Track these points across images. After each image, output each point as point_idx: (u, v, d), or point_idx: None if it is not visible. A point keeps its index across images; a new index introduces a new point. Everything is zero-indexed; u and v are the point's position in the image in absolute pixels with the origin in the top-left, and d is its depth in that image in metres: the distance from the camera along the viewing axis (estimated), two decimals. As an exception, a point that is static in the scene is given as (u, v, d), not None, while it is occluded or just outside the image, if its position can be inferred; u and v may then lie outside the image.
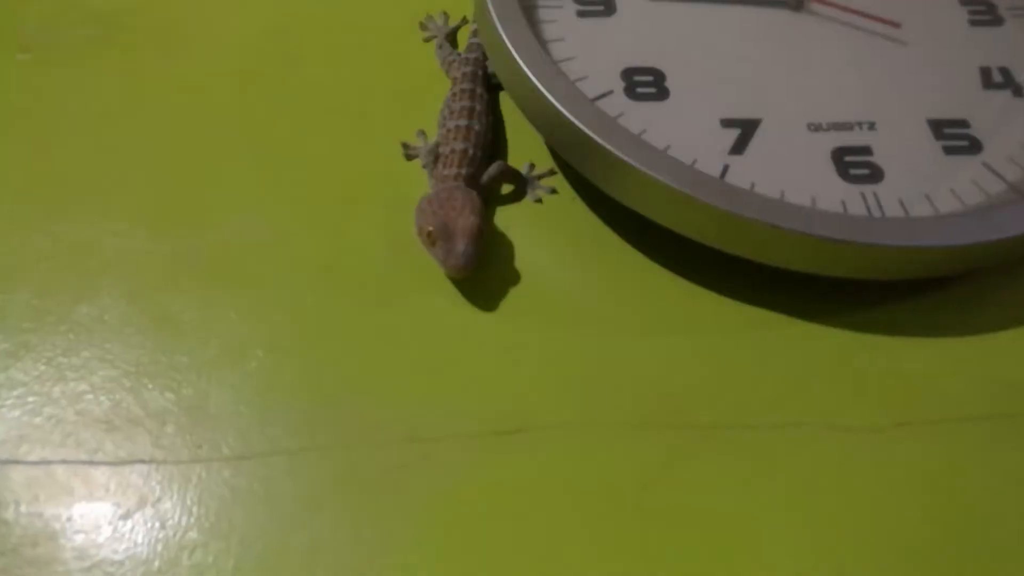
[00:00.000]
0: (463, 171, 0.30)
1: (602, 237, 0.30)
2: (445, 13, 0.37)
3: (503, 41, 0.30)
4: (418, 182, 0.31)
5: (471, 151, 0.31)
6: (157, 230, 0.30)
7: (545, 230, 0.31)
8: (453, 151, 0.31)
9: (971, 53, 0.33)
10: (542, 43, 0.30)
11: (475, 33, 0.35)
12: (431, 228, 0.28)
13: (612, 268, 0.30)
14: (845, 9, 0.32)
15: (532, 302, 0.29)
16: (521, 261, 0.30)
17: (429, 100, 0.34)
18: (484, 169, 0.31)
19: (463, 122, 0.31)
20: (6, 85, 0.34)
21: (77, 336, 0.28)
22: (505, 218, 0.31)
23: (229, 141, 0.33)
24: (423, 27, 0.36)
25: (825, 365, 0.27)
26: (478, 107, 0.32)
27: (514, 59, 0.29)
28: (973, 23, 0.33)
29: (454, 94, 0.33)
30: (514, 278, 0.29)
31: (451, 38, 0.36)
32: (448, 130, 0.32)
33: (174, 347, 0.27)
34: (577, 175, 0.30)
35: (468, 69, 0.33)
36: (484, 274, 0.29)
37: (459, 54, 0.34)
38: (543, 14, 0.32)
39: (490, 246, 0.30)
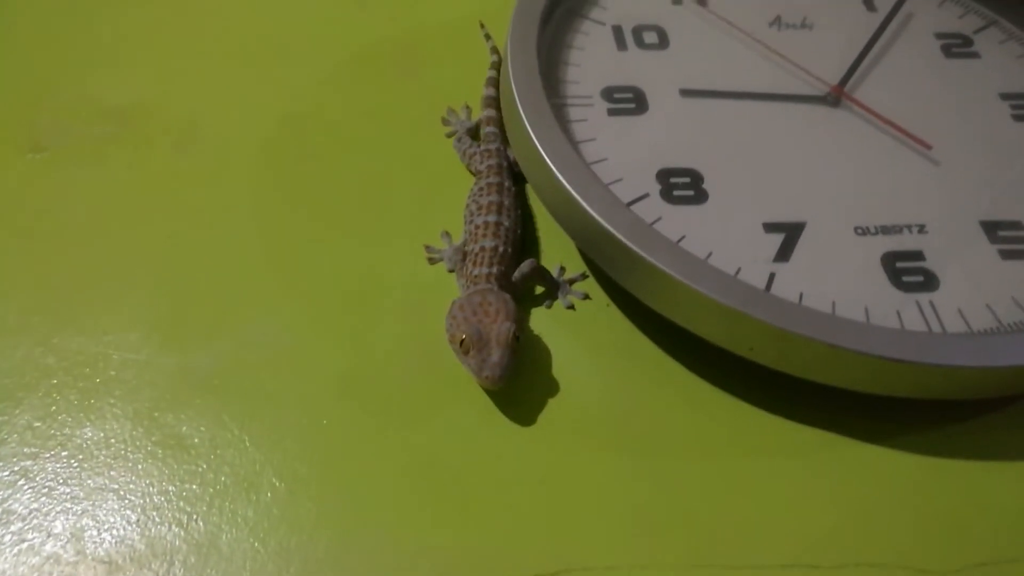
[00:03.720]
0: (494, 270, 0.29)
1: (640, 347, 0.29)
2: (467, 107, 0.36)
3: (532, 142, 0.29)
4: (441, 283, 0.30)
5: (501, 248, 0.29)
6: (167, 341, 0.29)
7: (580, 338, 0.29)
8: (483, 249, 0.29)
9: (1017, 150, 0.31)
10: (573, 144, 0.29)
11: (488, 121, 0.34)
12: (464, 336, 0.26)
13: (652, 382, 0.28)
14: (878, 117, 0.31)
15: (570, 420, 0.27)
16: (558, 372, 0.28)
17: (451, 196, 0.32)
18: (515, 267, 0.30)
19: (492, 218, 0.30)
20: (20, 185, 0.33)
21: (80, 463, 0.26)
22: (538, 323, 0.29)
23: (243, 241, 0.31)
24: (445, 122, 0.35)
25: (895, 495, 0.25)
26: (506, 201, 0.31)
27: (544, 162, 0.28)
28: (1016, 118, 0.32)
29: (480, 188, 0.31)
30: (550, 390, 0.28)
31: (473, 132, 0.35)
32: (476, 227, 0.30)
33: (184, 475, 0.25)
34: (610, 279, 0.29)
35: (493, 162, 0.32)
36: (518, 387, 0.27)
37: (479, 146, 0.33)
38: (573, 113, 0.31)
39: (525, 354, 0.28)
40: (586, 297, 0.30)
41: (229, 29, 0.39)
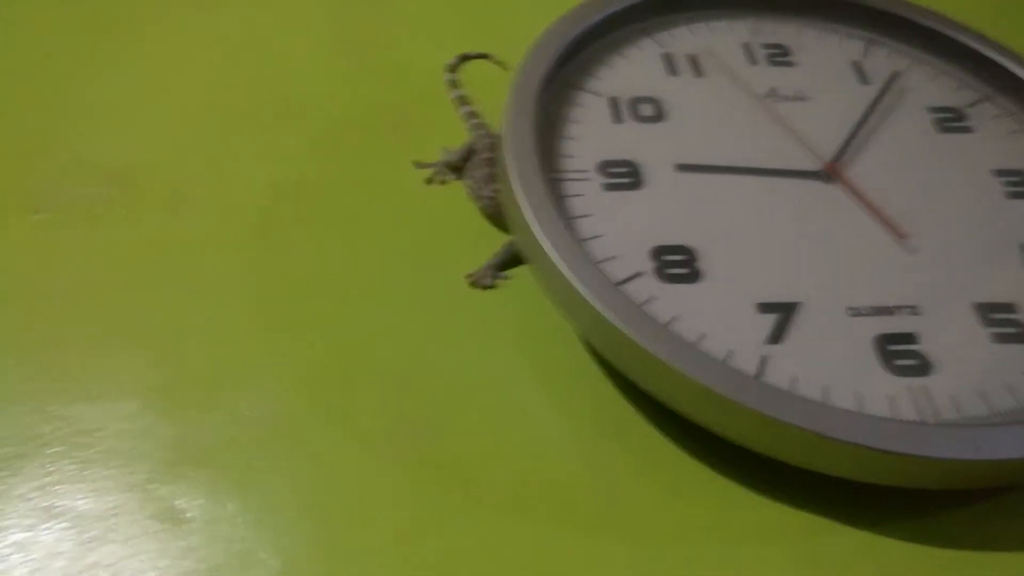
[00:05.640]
0: None
1: (626, 420, 0.29)
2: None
3: (526, 220, 0.29)
4: (434, 357, 0.30)
5: None
6: (164, 411, 0.29)
7: (570, 414, 0.29)
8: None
9: (1010, 229, 0.31)
10: (567, 221, 0.30)
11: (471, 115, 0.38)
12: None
13: (637, 458, 0.28)
14: (863, 199, 0.31)
15: (551, 497, 0.27)
16: (539, 444, 0.28)
17: (448, 266, 0.33)
18: None
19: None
20: (19, 247, 0.33)
21: (77, 536, 0.26)
22: (521, 388, 0.30)
23: (236, 309, 0.32)
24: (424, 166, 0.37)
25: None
26: None
27: (537, 240, 0.28)
28: (1009, 195, 0.33)
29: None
30: (531, 463, 0.28)
31: (451, 165, 0.36)
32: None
33: (177, 551, 0.25)
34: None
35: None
36: (507, 471, 0.27)
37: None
38: (569, 188, 0.31)
39: (511, 428, 0.28)
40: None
41: (222, 91, 0.40)
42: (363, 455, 0.28)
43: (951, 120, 0.35)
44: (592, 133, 0.33)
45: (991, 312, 0.29)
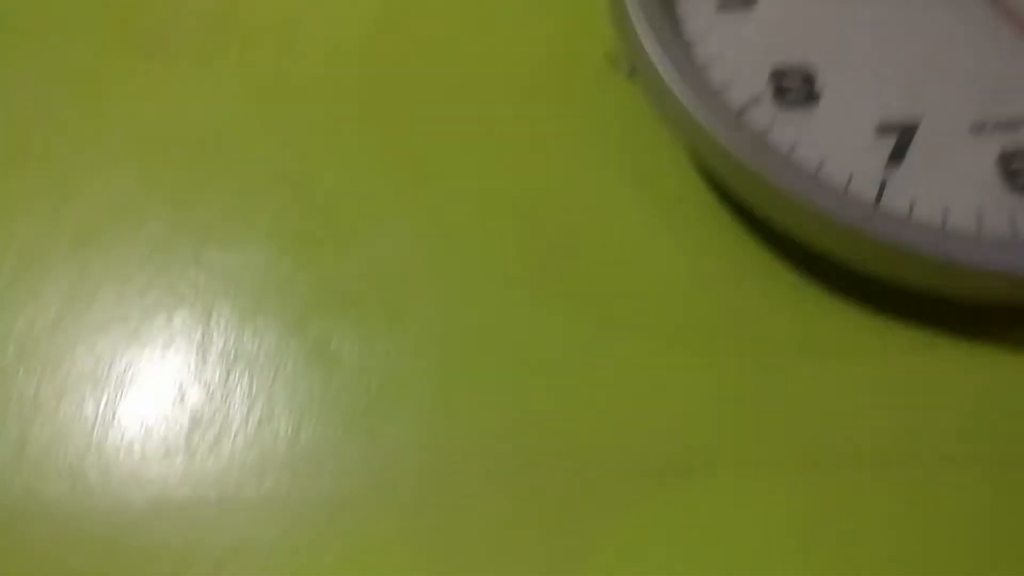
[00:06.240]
0: None
1: (737, 240, 0.30)
2: None
3: (643, 46, 0.28)
4: (567, 197, 0.31)
5: None
6: (305, 256, 0.31)
7: (686, 241, 0.30)
8: None
9: None
10: (683, 45, 0.29)
11: None
12: None
13: (749, 277, 0.29)
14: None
15: (661, 315, 0.29)
16: (649, 266, 0.30)
17: (568, 95, 0.32)
18: None
19: None
20: (139, 95, 0.34)
21: (245, 383, 0.29)
22: (642, 227, 0.31)
23: (358, 150, 0.32)
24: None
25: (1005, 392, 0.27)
26: None
27: (656, 69, 0.28)
28: None
29: None
30: (641, 283, 0.29)
31: None
32: None
33: (337, 388, 0.28)
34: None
35: None
36: (634, 299, 0.29)
37: None
38: (682, 10, 0.30)
39: (607, 241, 0.30)
40: None
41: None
42: (496, 286, 0.30)
43: None
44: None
45: (1120, 121, 0.28)
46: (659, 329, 0.29)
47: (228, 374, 0.29)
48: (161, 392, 0.28)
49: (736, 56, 0.29)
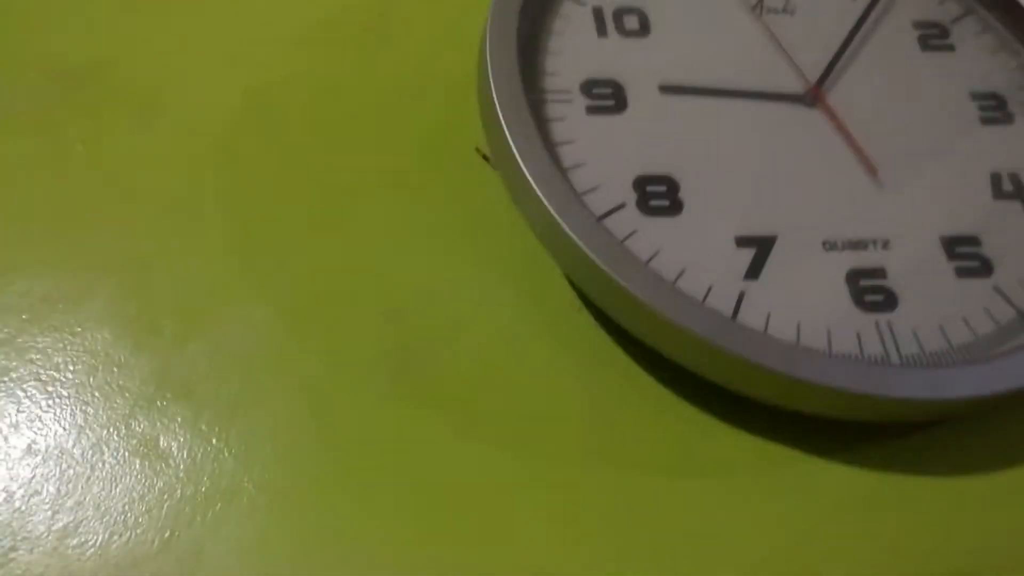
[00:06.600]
0: None
1: (609, 354, 0.29)
2: None
3: (509, 146, 0.28)
4: (421, 280, 0.30)
5: None
6: (141, 343, 0.28)
7: (549, 341, 0.30)
8: None
9: (982, 156, 0.32)
10: (550, 147, 0.29)
11: None
12: None
13: (619, 391, 0.29)
14: (840, 127, 0.31)
15: (536, 427, 0.28)
16: (526, 377, 0.29)
17: (431, 179, 0.32)
18: None
19: None
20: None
21: (57, 479, 0.26)
22: (505, 324, 0.30)
23: (211, 232, 0.30)
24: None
25: (847, 509, 0.27)
26: None
27: (521, 169, 0.28)
28: (984, 120, 0.33)
29: None
30: (517, 395, 0.28)
31: None
32: None
33: (162, 486, 0.26)
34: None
35: None
36: (495, 402, 0.28)
37: None
38: (552, 110, 0.30)
39: (491, 359, 0.29)
40: None
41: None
42: (352, 385, 0.28)
43: (935, 37, 0.34)
44: (576, 48, 0.31)
45: (956, 246, 0.30)
46: (518, 437, 0.28)
47: (33, 473, 0.26)
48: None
49: (603, 161, 0.29)
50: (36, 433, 0.26)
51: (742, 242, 0.29)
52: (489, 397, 0.28)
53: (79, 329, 0.28)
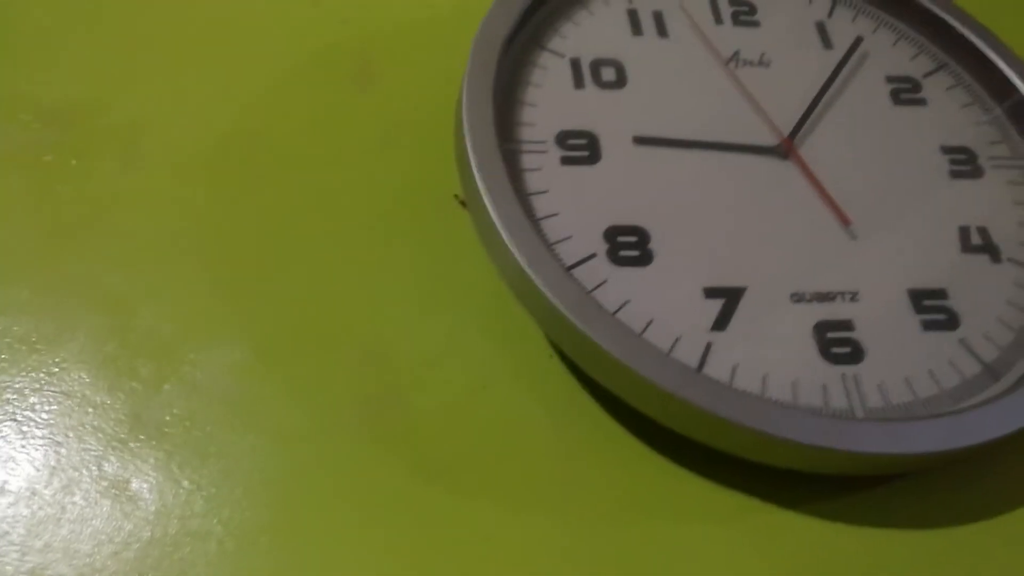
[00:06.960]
0: None
1: (581, 403, 0.30)
2: None
3: (481, 196, 0.28)
4: (401, 324, 0.30)
5: None
6: (117, 382, 0.28)
7: (522, 387, 0.30)
8: None
9: (951, 210, 0.32)
10: (523, 197, 0.29)
11: None
12: None
13: (592, 440, 0.29)
14: (812, 180, 0.32)
15: (506, 474, 0.28)
16: (496, 425, 0.29)
17: (413, 221, 0.32)
18: None
19: None
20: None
21: (26, 521, 0.26)
22: (479, 371, 0.30)
23: (190, 272, 0.31)
24: None
25: (809, 559, 0.27)
26: None
27: (491, 218, 0.28)
28: (954, 174, 0.33)
29: None
30: (488, 441, 0.29)
31: None
32: None
33: (132, 529, 0.26)
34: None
35: None
36: (467, 451, 0.28)
37: None
38: (527, 160, 0.30)
39: (463, 404, 0.29)
40: None
41: (174, 27, 0.37)
42: (324, 428, 0.28)
43: (907, 91, 0.35)
44: (553, 99, 0.32)
45: (923, 299, 0.30)
46: (489, 483, 0.28)
47: (3, 514, 0.26)
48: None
49: (576, 211, 0.30)
50: (9, 474, 0.27)
51: (711, 293, 0.29)
52: (460, 443, 0.28)
53: (56, 370, 0.29)
